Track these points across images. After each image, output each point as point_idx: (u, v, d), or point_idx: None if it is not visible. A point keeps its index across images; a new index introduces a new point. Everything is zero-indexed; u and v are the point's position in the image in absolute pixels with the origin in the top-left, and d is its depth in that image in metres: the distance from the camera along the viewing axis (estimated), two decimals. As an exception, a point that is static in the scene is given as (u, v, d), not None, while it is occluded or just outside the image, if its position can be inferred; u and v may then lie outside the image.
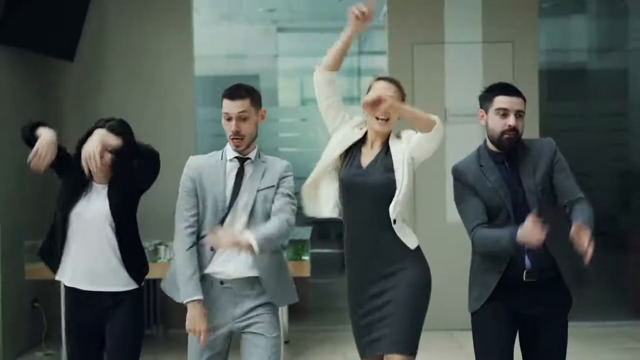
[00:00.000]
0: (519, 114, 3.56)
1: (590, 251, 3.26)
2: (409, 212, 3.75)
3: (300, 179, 8.42)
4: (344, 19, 3.65)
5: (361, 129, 3.76)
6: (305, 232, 6.58)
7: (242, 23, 10.31)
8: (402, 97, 3.75)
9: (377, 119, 3.64)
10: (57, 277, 3.80)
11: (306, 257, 6.08)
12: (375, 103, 3.51)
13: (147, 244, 6.19)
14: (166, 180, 7.09)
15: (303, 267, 6.01)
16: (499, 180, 3.54)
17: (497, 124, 3.56)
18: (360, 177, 3.66)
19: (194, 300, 3.40)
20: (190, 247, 3.48)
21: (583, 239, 3.26)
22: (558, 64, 9.73)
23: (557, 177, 3.55)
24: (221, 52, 10.04)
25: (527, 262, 3.52)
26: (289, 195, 3.59)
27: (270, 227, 3.47)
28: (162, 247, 6.13)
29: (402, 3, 7.30)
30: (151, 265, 5.96)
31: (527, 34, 7.25)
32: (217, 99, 8.23)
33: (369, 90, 3.73)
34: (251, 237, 3.31)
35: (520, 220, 3.39)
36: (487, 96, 3.65)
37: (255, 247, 3.31)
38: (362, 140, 3.77)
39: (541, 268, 3.51)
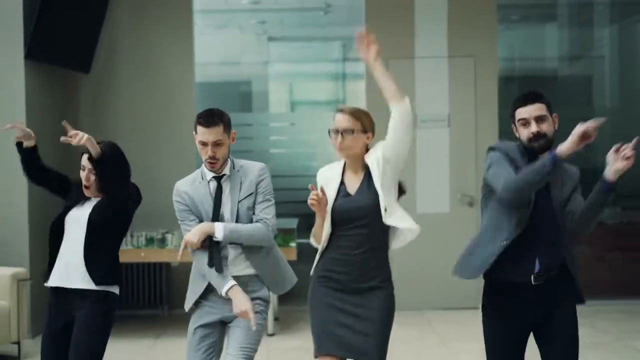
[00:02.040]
0: (540, 119, 3.51)
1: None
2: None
3: (289, 177, 8.97)
4: (328, 28, 3.40)
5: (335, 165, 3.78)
6: (292, 222, 7.40)
7: (235, 33, 10.66)
8: (366, 129, 3.70)
9: (337, 149, 3.67)
10: (47, 284, 4.06)
11: (293, 244, 6.85)
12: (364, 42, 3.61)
13: (155, 234, 6.98)
14: (171, 175, 7.89)
15: (290, 252, 6.72)
16: None
17: (523, 134, 3.53)
18: (349, 204, 3.64)
19: (232, 287, 3.64)
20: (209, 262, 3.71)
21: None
22: (530, 71, 9.99)
23: (574, 195, 3.52)
24: (217, 60, 10.28)
25: (537, 264, 3.48)
26: (267, 200, 3.77)
27: (247, 226, 3.69)
28: (169, 235, 6.88)
29: (378, 23, 7.83)
30: (159, 251, 6.87)
31: (487, 49, 7.92)
32: (214, 103, 8.97)
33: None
34: (219, 226, 3.63)
35: (539, 219, 3.45)
36: (511, 112, 3.60)
37: (220, 234, 3.61)
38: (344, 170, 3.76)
39: (549, 269, 3.50)
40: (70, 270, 3.96)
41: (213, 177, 3.78)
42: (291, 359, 6.17)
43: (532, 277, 3.47)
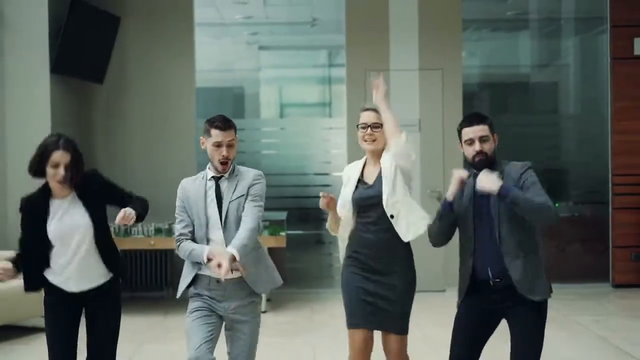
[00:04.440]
0: (483, 139, 3.77)
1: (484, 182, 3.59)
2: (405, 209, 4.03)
3: (279, 175, 9.64)
4: (315, 37, 3.76)
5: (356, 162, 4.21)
6: (282, 215, 8.25)
7: (229, 43, 11.26)
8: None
9: (365, 141, 4.06)
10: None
11: (283, 233, 7.67)
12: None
13: (162, 224, 7.80)
14: (174, 171, 8.71)
15: (280, 241, 7.58)
16: (469, 195, 3.80)
17: (468, 151, 3.81)
18: (367, 190, 4.03)
19: (209, 251, 3.76)
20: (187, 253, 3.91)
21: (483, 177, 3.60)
22: (503, 77, 10.34)
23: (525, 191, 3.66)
24: (212, 67, 10.68)
25: (490, 273, 3.75)
26: (255, 200, 3.87)
27: (242, 236, 3.74)
28: (174, 226, 7.70)
29: (356, 39, 8.69)
30: (167, 240, 7.70)
31: (453, 63, 8.68)
32: (210, 106, 9.55)
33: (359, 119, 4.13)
34: (233, 251, 3.66)
35: (481, 235, 3.75)
36: (459, 131, 3.88)
37: (237, 257, 3.66)
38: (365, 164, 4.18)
39: (499, 277, 3.73)
40: (84, 275, 3.87)
41: (212, 176, 3.94)
42: (281, 331, 7.04)
43: (490, 282, 3.77)
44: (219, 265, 3.65)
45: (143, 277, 8.70)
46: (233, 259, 3.65)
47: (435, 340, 6.52)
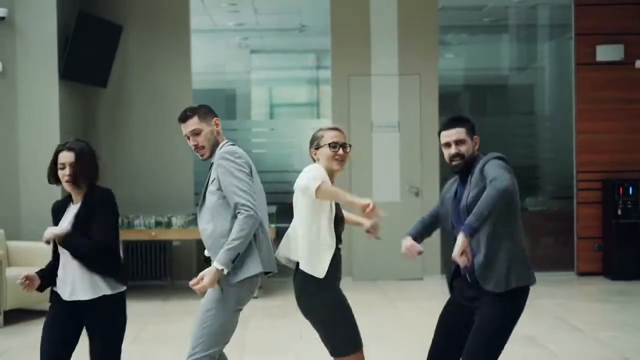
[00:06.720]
0: (459, 142, 3.72)
1: (459, 260, 3.46)
2: None
3: (271, 172, 10.18)
4: (303, 40, 3.57)
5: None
6: (271, 209, 8.74)
7: (222, 47, 11.79)
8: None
9: (336, 160, 3.89)
10: (57, 289, 3.79)
11: (272, 226, 8.11)
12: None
13: (162, 217, 8.38)
14: (173, 169, 9.14)
15: (270, 232, 8.08)
16: (450, 197, 3.82)
17: (445, 154, 3.79)
18: (342, 212, 3.98)
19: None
20: None
21: (455, 250, 3.45)
22: (485, 79, 10.80)
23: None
24: (207, 70, 11.08)
25: (462, 267, 3.74)
26: (231, 190, 3.63)
27: (230, 240, 3.55)
28: (173, 219, 8.30)
29: (340, 46, 9.26)
30: (166, 231, 8.30)
31: (430, 68, 9.26)
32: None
33: (320, 140, 4.00)
34: (217, 265, 3.52)
35: (454, 230, 3.70)
36: (438, 134, 3.83)
37: (225, 270, 3.53)
38: None
39: (469, 271, 3.73)
40: (74, 286, 3.77)
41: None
42: (271, 314, 7.64)
43: (467, 275, 3.78)
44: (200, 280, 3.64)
45: (144, 267, 9.26)
46: (220, 272, 3.55)
47: (410, 320, 7.12)
